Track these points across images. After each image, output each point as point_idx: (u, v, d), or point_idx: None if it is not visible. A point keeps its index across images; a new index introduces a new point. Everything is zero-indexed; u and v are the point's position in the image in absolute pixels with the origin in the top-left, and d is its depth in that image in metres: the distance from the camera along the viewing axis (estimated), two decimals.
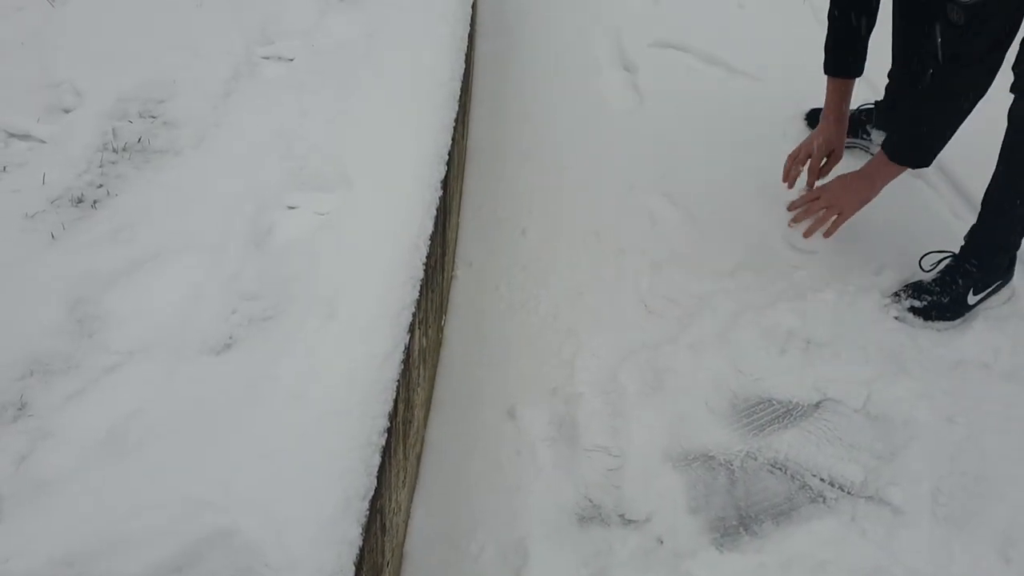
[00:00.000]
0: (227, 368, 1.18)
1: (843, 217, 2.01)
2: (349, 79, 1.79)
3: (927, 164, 1.97)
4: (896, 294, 1.99)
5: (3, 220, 1.35)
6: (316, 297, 1.28)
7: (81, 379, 1.14)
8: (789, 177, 2.18)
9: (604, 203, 2.31)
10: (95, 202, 1.42)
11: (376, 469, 1.09)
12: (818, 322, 1.93)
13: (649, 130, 2.61)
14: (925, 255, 2.04)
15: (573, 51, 3.03)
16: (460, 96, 1.94)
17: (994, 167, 1.93)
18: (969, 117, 1.86)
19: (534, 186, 2.38)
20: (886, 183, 2.00)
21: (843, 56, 2.13)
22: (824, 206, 2.02)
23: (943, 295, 1.95)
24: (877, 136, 2.44)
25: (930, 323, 1.95)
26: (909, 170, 1.97)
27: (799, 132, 2.44)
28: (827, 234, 2.03)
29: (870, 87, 2.49)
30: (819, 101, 2.23)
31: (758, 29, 3.11)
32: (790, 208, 2.11)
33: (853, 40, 2.10)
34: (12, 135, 1.54)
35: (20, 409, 1.09)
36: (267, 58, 1.86)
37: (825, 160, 2.18)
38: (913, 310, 1.95)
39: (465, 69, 2.19)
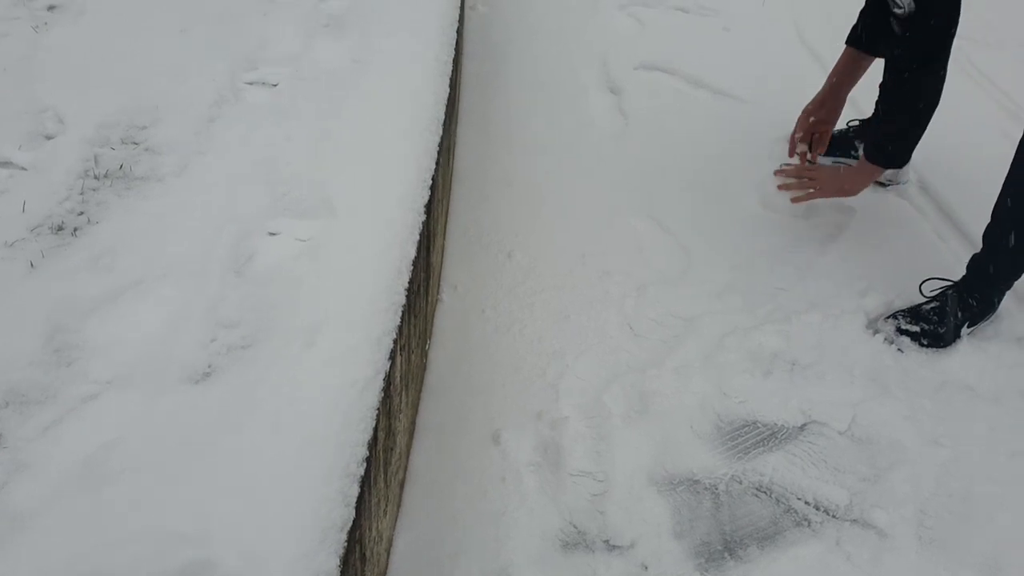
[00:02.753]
0: (206, 397, 1.17)
1: (817, 193, 2.17)
2: (333, 105, 1.80)
3: (900, 164, 2.09)
4: (893, 316, 1.98)
5: None
6: (296, 324, 1.28)
7: (58, 409, 1.13)
8: (798, 140, 2.35)
9: (590, 226, 2.32)
10: (75, 229, 1.42)
11: (355, 499, 1.08)
12: (803, 344, 1.94)
13: (635, 153, 2.63)
14: (926, 281, 2.05)
15: (559, 74, 3.05)
16: (445, 120, 1.94)
17: (978, 189, 1.93)
18: (950, 135, 1.90)
19: (520, 209, 2.38)
20: (867, 183, 2.12)
21: (865, 29, 2.19)
22: (808, 177, 2.20)
23: (940, 325, 1.95)
24: None
25: (922, 348, 1.95)
26: (894, 194, 2.01)
27: (785, 154, 2.44)
28: (795, 200, 2.20)
29: (854, 108, 2.51)
30: None
31: (744, 52, 3.13)
32: (777, 172, 2.31)
33: (879, 19, 2.12)
34: None
35: None
36: (251, 84, 1.86)
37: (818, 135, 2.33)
38: (907, 333, 1.95)
39: (451, 93, 2.20)
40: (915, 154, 2.44)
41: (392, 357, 1.30)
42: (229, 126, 1.71)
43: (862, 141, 2.49)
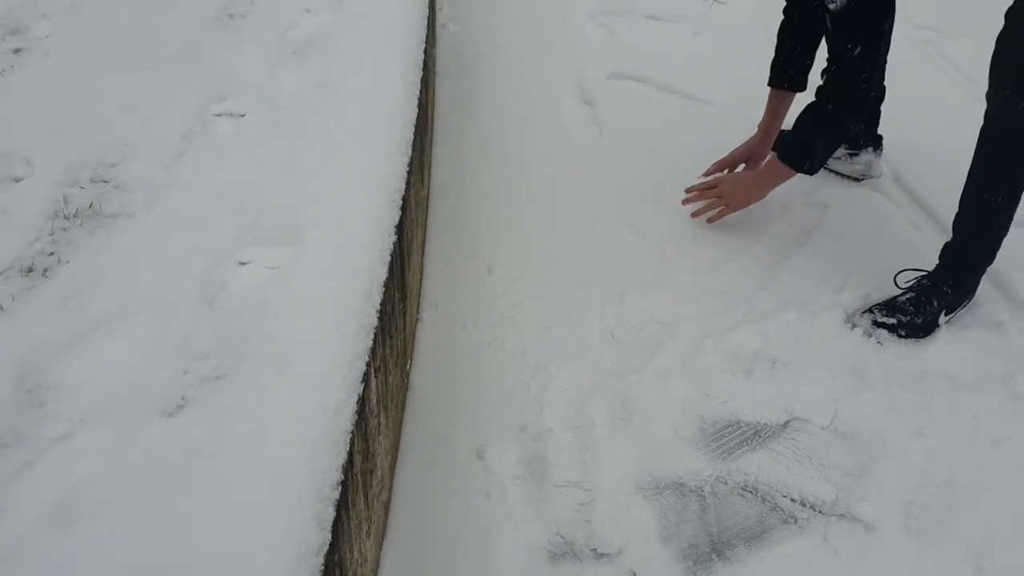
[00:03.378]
0: (179, 430, 1.17)
1: (728, 210, 2.22)
2: (301, 132, 1.81)
3: (815, 171, 2.10)
4: (870, 310, 2.00)
5: None
6: (268, 352, 1.28)
7: (31, 450, 1.14)
8: (704, 174, 2.42)
9: (569, 237, 2.33)
10: (46, 270, 1.42)
11: (330, 523, 1.09)
12: (782, 342, 1.94)
13: (611, 162, 2.64)
14: (900, 272, 2.06)
15: (534, 87, 3.07)
16: (416, 141, 1.96)
17: (951, 178, 1.95)
18: (922, 126, 1.92)
19: (499, 223, 2.39)
20: (775, 187, 2.17)
21: (784, 69, 2.23)
22: (716, 195, 2.24)
23: (917, 315, 1.96)
24: None
25: (900, 340, 1.96)
26: (868, 188, 2.02)
27: None
28: (710, 220, 2.25)
29: None
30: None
31: (714, 56, 3.16)
32: (687, 190, 2.33)
33: (797, 55, 2.19)
34: None
35: None
36: (220, 115, 1.88)
37: (743, 166, 2.36)
38: (884, 326, 1.96)
39: (423, 113, 2.22)
40: (888, 147, 2.47)
41: (366, 379, 1.30)
42: (198, 159, 1.73)
43: None
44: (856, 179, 2.44)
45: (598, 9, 3.61)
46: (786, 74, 2.26)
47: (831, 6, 1.78)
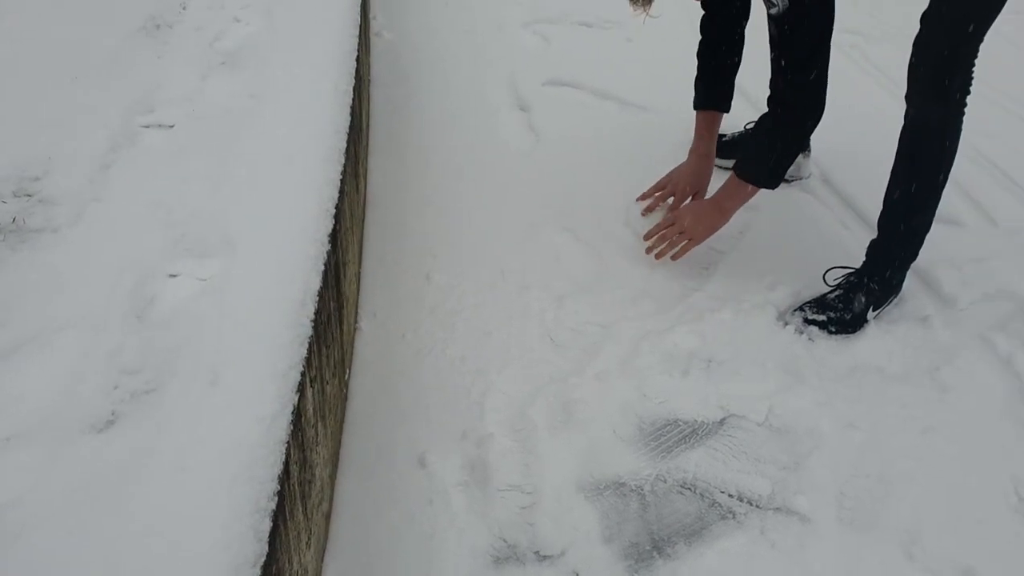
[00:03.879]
0: (110, 445, 1.15)
1: (692, 243, 2.15)
2: (231, 142, 1.79)
3: (777, 185, 2.07)
4: (800, 308, 2.05)
5: None
6: (200, 365, 1.26)
7: None
8: (648, 208, 2.38)
9: (507, 242, 2.34)
10: None
11: (267, 534, 1.07)
12: (717, 341, 1.98)
13: (548, 167, 2.66)
14: (829, 270, 2.11)
15: (470, 95, 3.08)
16: (349, 149, 1.95)
17: (877, 178, 2.01)
18: (849, 128, 1.94)
19: (437, 231, 2.39)
20: (738, 207, 2.12)
21: (711, 90, 2.25)
22: (677, 232, 2.15)
23: (845, 311, 2.01)
24: None
25: (831, 335, 2.01)
26: (798, 189, 2.05)
27: None
28: (675, 257, 2.17)
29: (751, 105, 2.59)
30: None
31: (647, 61, 3.20)
32: (645, 237, 2.24)
33: (720, 75, 2.22)
34: None
35: None
36: (147, 127, 1.84)
37: (691, 199, 2.31)
38: (815, 323, 2.01)
39: (356, 121, 2.21)
40: (816, 148, 2.54)
41: (301, 390, 1.29)
42: (125, 171, 1.69)
43: None
44: (786, 180, 2.50)
45: (532, 17, 3.64)
46: (712, 94, 2.27)
47: (772, 11, 1.80)
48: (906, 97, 1.88)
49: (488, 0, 3.76)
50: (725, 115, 2.31)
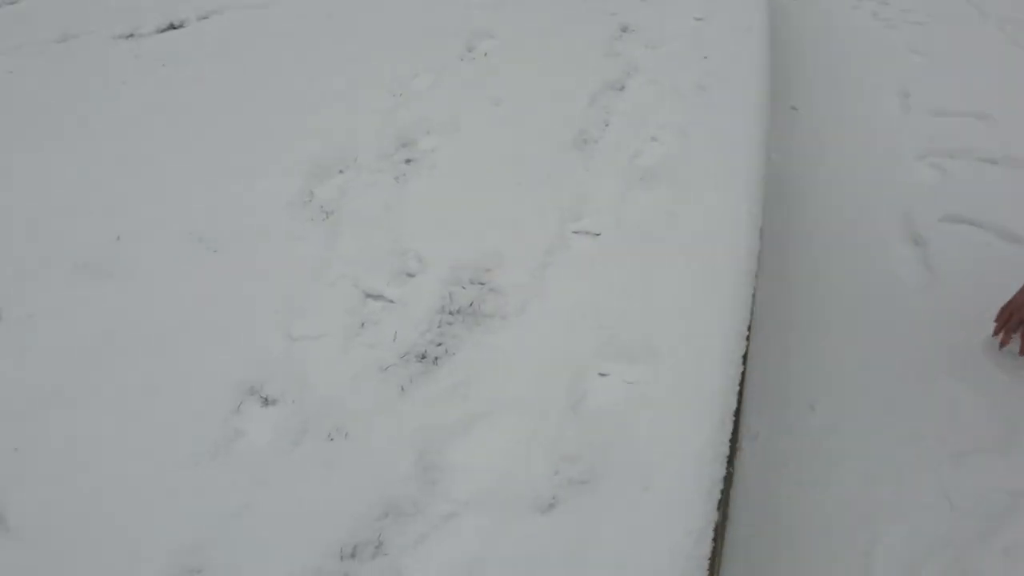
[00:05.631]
0: (552, 527, 1.27)
1: None
2: (651, 253, 1.92)
3: None
4: None
5: (364, 371, 1.56)
6: (631, 465, 1.35)
7: (426, 524, 1.27)
8: (1003, 340, 2.26)
9: (897, 382, 2.23)
10: (436, 359, 1.61)
11: None
12: None
13: (944, 308, 2.51)
14: None
15: (857, 224, 3.01)
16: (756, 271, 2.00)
17: None
18: None
19: (822, 359, 2.34)
20: None
21: None
22: (1018, 319, 2.14)
23: None
24: None
25: None
26: None
27: None
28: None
29: None
30: None
31: None
32: (994, 334, 2.23)
33: None
34: (369, 295, 1.79)
35: (377, 547, 1.23)
36: (577, 233, 2.03)
37: None
38: None
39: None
40: None
41: (720, 508, 1.33)
42: (561, 271, 1.88)
43: None
44: None
45: (927, 149, 3.49)
46: None
47: None
48: None
49: (879, 128, 3.69)
50: None
